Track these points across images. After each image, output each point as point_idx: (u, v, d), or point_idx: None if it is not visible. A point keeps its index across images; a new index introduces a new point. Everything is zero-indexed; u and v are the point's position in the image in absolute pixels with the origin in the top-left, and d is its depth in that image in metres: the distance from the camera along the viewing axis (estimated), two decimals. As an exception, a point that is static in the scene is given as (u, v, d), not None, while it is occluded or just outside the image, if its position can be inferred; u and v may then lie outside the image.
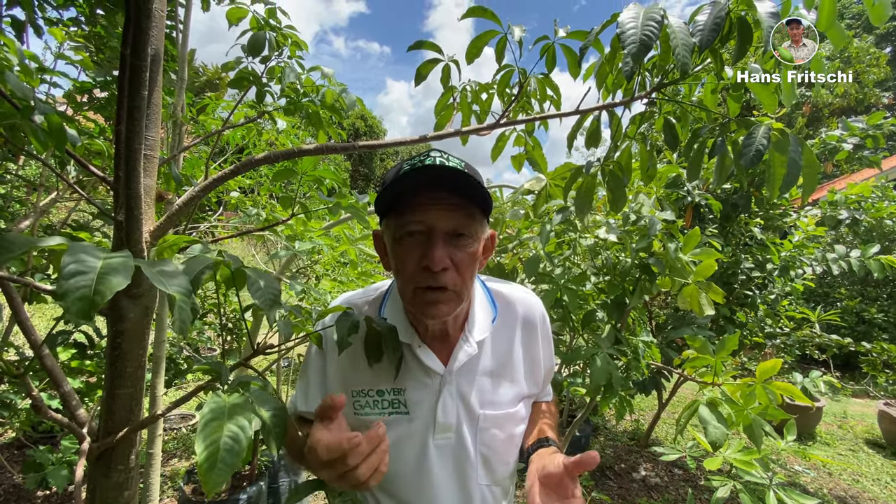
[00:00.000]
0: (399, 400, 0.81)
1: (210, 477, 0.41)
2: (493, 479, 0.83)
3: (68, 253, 0.35)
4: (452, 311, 0.75)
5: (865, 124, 2.53)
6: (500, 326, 0.87)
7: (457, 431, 0.80)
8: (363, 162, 28.92)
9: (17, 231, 1.57)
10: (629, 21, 0.76)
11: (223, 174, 0.84)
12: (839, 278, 6.87)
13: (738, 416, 1.13)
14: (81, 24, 1.48)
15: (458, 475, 0.81)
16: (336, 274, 2.81)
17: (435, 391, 0.81)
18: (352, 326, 0.69)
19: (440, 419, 0.79)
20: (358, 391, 0.82)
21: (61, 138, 0.75)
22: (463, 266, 0.72)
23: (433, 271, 0.69)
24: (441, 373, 0.80)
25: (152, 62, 0.78)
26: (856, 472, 3.60)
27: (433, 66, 1.15)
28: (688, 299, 1.45)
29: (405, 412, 0.80)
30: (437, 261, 0.68)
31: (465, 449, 0.80)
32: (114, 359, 0.72)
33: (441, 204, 0.70)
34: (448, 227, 0.71)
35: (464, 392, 0.81)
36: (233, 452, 0.43)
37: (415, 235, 0.71)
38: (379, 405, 0.81)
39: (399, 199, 0.72)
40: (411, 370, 0.81)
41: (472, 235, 0.73)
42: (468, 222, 0.72)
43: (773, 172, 0.91)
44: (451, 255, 0.71)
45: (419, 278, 0.71)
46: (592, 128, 1.13)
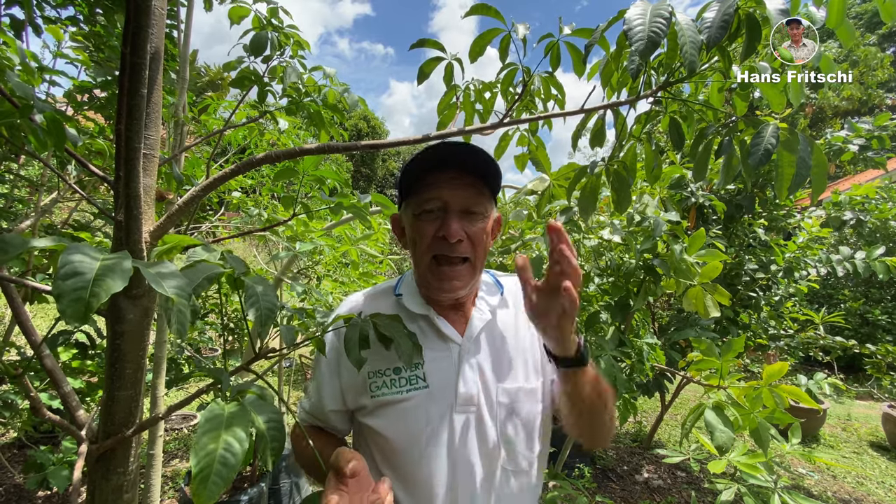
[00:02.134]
0: (417, 375, 0.81)
1: (202, 491, 0.39)
2: (515, 464, 0.81)
3: (65, 254, 0.34)
4: (466, 285, 0.80)
5: (871, 125, 2.51)
6: (509, 299, 0.92)
7: (478, 405, 0.80)
8: (365, 163, 28.96)
9: (18, 231, 1.56)
10: (637, 18, 0.75)
11: (224, 174, 0.83)
12: (843, 280, 6.83)
13: (744, 420, 1.12)
14: (80, 24, 1.48)
15: (482, 453, 0.79)
16: (337, 274, 2.80)
17: (454, 362, 0.81)
18: (362, 340, 0.68)
19: (461, 390, 0.79)
20: (374, 372, 0.82)
21: (60, 137, 0.75)
22: (476, 239, 0.79)
23: (450, 242, 0.76)
24: (459, 342, 0.83)
25: (152, 61, 0.77)
26: (860, 474, 3.57)
27: (436, 64, 1.14)
28: (693, 301, 1.44)
29: (424, 386, 0.80)
30: (453, 232, 0.76)
31: (485, 424, 0.80)
32: (113, 360, 0.71)
33: (455, 183, 0.78)
34: (462, 204, 0.79)
35: (482, 362, 0.82)
36: (228, 466, 0.41)
37: (433, 212, 0.79)
38: (396, 384, 0.81)
39: (417, 181, 0.80)
40: (429, 341, 0.83)
41: (483, 213, 0.81)
42: (479, 200, 0.80)
43: (782, 172, 0.90)
44: (464, 228, 0.78)
45: (436, 247, 0.78)
46: (597, 127, 1.12)
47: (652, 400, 4.78)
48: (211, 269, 0.49)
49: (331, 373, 0.86)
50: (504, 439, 0.81)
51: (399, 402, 0.80)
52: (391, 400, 0.80)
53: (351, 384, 0.84)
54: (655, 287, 1.53)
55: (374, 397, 0.81)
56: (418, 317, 0.85)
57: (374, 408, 0.82)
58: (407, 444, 0.79)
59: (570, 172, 1.36)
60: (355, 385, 0.83)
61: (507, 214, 1.87)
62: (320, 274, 2.81)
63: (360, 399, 0.83)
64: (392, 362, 0.81)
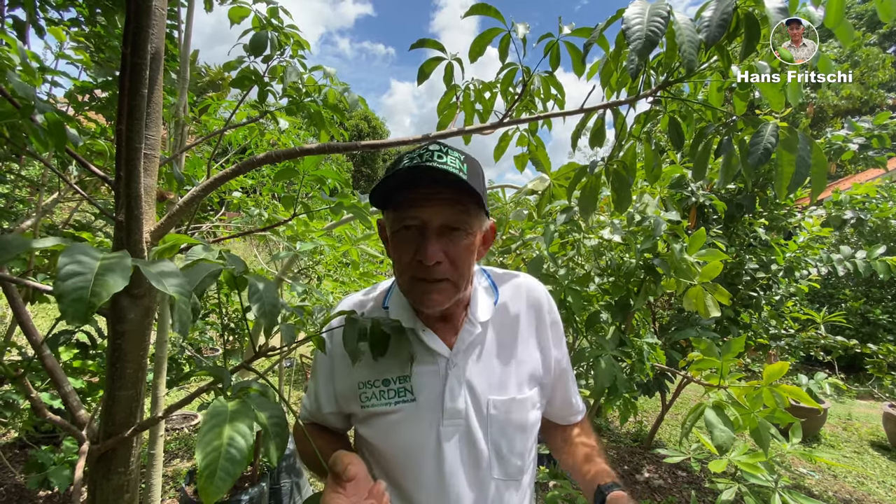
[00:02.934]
0: (405, 388, 0.80)
1: (210, 486, 0.39)
2: (506, 473, 0.81)
3: (65, 254, 0.34)
4: (447, 300, 0.76)
5: (871, 124, 2.51)
6: (504, 309, 0.88)
7: (466, 418, 0.79)
8: (366, 163, 28.96)
9: (19, 231, 1.57)
10: (635, 17, 0.75)
11: (224, 173, 0.83)
12: (843, 279, 6.82)
13: (744, 420, 1.12)
14: (81, 25, 1.48)
15: (471, 465, 0.79)
16: (338, 274, 2.80)
17: (441, 376, 0.80)
18: (360, 334, 0.68)
19: (448, 404, 0.78)
20: (364, 382, 0.81)
21: (61, 137, 0.75)
22: (457, 258, 0.75)
23: (426, 265, 0.72)
24: (447, 356, 0.81)
25: (153, 61, 0.78)
26: (861, 474, 3.57)
27: (436, 64, 1.14)
28: (693, 301, 1.44)
29: (411, 399, 0.79)
30: (429, 255, 0.71)
31: (475, 437, 0.79)
32: (114, 360, 0.71)
33: (434, 200, 0.73)
34: (441, 221, 0.73)
35: (470, 376, 0.81)
36: (234, 461, 0.41)
37: (410, 229, 0.74)
38: (385, 395, 0.80)
39: (395, 194, 0.75)
40: (417, 355, 0.81)
41: (466, 229, 0.75)
42: (462, 217, 0.74)
43: (781, 171, 0.90)
44: (444, 248, 0.73)
45: (415, 270, 0.75)
46: (596, 127, 1.12)
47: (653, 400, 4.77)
48: (212, 267, 0.49)
49: (325, 378, 0.87)
50: (495, 451, 0.80)
51: (387, 413, 0.80)
52: (379, 411, 0.80)
53: (343, 391, 0.84)
54: (656, 287, 1.53)
55: (363, 407, 0.81)
56: (406, 330, 0.82)
57: (364, 418, 0.82)
58: (394, 454, 0.79)
59: (571, 172, 1.36)
60: (346, 393, 0.84)
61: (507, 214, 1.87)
62: (321, 274, 2.82)
63: (352, 407, 0.84)
64: (381, 374, 0.81)
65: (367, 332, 0.69)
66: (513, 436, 0.81)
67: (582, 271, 1.76)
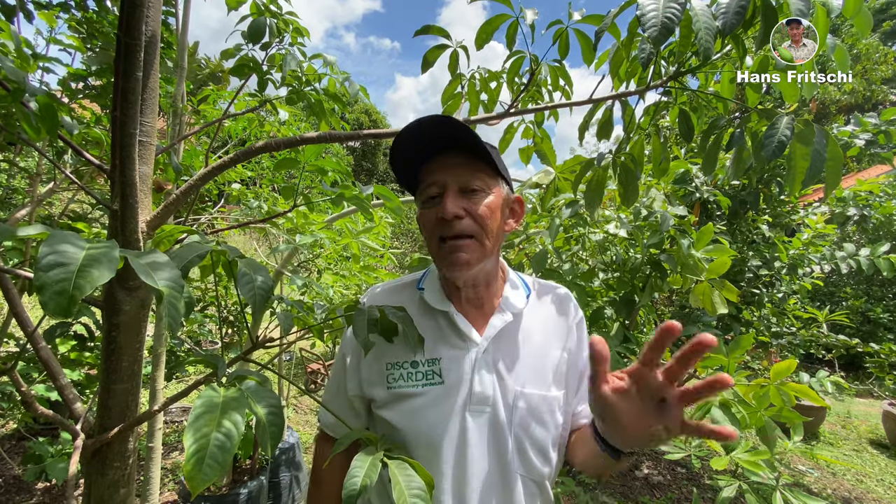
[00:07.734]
0: (433, 371, 0.80)
1: (198, 473, 0.38)
2: (528, 470, 0.79)
3: (46, 243, 0.32)
4: (475, 260, 0.77)
5: (878, 120, 2.47)
6: (534, 307, 0.89)
7: (493, 405, 0.78)
8: (366, 157, 28.86)
9: (14, 221, 1.54)
10: (650, 3, 0.72)
11: (223, 162, 0.80)
12: (844, 277, 6.81)
13: (751, 418, 1.10)
14: (71, 9, 1.44)
15: (495, 454, 0.78)
16: (338, 268, 2.78)
17: (471, 360, 0.80)
18: (370, 324, 0.67)
19: (476, 388, 0.77)
20: (392, 363, 0.81)
21: (53, 122, 0.72)
22: (480, 215, 0.76)
23: (447, 220, 0.74)
24: (478, 341, 0.81)
25: (149, 45, 0.75)
26: (860, 472, 3.57)
27: (441, 52, 1.11)
28: (700, 297, 1.41)
29: (440, 382, 0.79)
30: (448, 210, 0.74)
31: (500, 426, 0.78)
32: (109, 353, 0.69)
33: (448, 165, 0.77)
34: (459, 183, 0.77)
35: (500, 365, 0.80)
36: (224, 449, 0.39)
37: (435, 198, 0.78)
38: (413, 377, 0.80)
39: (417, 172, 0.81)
40: (447, 338, 0.81)
41: (484, 189, 0.78)
42: (478, 176, 0.77)
43: (795, 165, 0.87)
44: (465, 206, 0.76)
45: (438, 230, 0.77)
46: (604, 118, 1.09)
47: (652, 396, 4.77)
48: (201, 247, 0.47)
49: (355, 360, 0.86)
50: (518, 444, 0.79)
51: (414, 395, 0.79)
52: (406, 393, 0.79)
53: (369, 376, 0.83)
54: (661, 283, 1.50)
55: (390, 388, 0.80)
56: (438, 313, 0.83)
57: (388, 400, 0.81)
58: (417, 438, 0.78)
59: (576, 165, 1.34)
60: (372, 378, 0.83)
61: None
62: (321, 267, 2.79)
63: (376, 391, 0.82)
64: (409, 355, 0.81)
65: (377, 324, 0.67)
66: (537, 433, 0.79)
67: (586, 266, 1.74)
